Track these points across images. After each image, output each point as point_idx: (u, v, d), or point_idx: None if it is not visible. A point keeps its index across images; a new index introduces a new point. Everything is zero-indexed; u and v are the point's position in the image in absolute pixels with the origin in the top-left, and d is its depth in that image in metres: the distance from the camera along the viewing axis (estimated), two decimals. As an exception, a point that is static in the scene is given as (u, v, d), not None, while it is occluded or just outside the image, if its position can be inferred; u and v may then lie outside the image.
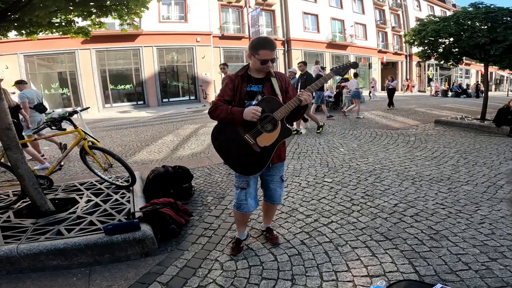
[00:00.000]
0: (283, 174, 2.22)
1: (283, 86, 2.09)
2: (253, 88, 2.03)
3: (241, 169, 2.04)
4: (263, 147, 1.95)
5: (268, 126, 1.95)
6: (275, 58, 2.01)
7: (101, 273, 2.13)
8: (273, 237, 2.40)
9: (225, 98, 1.99)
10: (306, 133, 6.91)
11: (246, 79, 2.03)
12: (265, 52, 1.91)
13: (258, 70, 2.02)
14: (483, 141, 5.58)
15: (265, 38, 1.99)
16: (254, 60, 1.97)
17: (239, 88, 2.01)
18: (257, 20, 16.94)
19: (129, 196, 3.13)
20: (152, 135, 7.88)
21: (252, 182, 2.12)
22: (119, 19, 3.29)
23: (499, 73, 34.15)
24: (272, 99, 1.97)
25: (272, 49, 1.93)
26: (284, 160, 2.20)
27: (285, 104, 1.92)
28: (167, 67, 19.13)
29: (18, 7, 2.50)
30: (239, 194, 2.12)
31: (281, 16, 22.41)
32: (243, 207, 2.12)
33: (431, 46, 7.94)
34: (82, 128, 3.52)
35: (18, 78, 14.85)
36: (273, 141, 1.95)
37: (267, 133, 1.94)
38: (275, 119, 1.93)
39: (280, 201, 2.26)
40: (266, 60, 1.93)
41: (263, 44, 1.92)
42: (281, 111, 1.91)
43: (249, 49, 1.98)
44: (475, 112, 9.85)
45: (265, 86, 2.03)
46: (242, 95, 2.01)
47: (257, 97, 2.02)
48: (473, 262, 2.00)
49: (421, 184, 3.48)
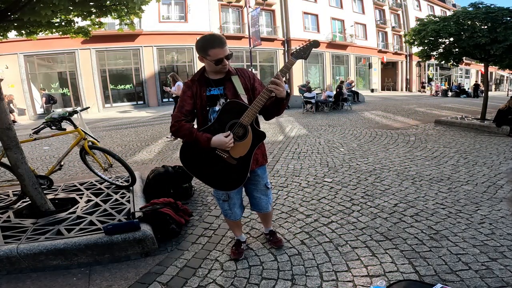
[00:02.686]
0: (267, 181, 2.07)
1: (247, 83, 1.89)
2: (213, 91, 1.83)
3: (220, 186, 1.91)
4: (239, 158, 1.78)
5: (239, 133, 1.76)
6: (230, 54, 1.77)
7: (101, 273, 2.12)
8: (276, 240, 2.32)
9: (186, 109, 1.80)
10: (307, 133, 6.90)
11: (204, 83, 1.84)
12: (215, 50, 1.70)
13: (215, 72, 1.83)
14: (483, 141, 5.58)
15: (212, 35, 1.76)
16: (207, 63, 1.79)
17: (198, 94, 1.82)
18: (257, 20, 16.95)
19: (129, 196, 3.13)
20: (152, 135, 7.88)
21: (234, 193, 2.01)
22: (118, 19, 3.29)
23: (499, 73, 34.16)
24: (234, 102, 1.77)
25: (222, 45, 1.71)
26: (264, 164, 2.02)
27: (251, 105, 1.71)
28: (167, 67, 19.11)
29: (18, 7, 2.49)
30: (222, 205, 2.07)
31: (281, 16, 22.39)
32: (229, 216, 2.10)
33: (431, 46, 7.93)
34: (82, 128, 3.51)
35: (18, 78, 14.94)
36: (248, 149, 1.78)
37: (239, 141, 1.76)
38: (243, 124, 1.73)
39: (267, 209, 2.12)
40: (220, 59, 1.72)
41: (211, 43, 1.71)
42: (247, 114, 1.71)
43: (198, 51, 1.77)
44: (475, 112, 9.85)
45: (227, 87, 1.83)
46: (203, 102, 1.82)
47: (219, 101, 1.83)
48: (473, 262, 1.99)
49: (421, 184, 3.48)
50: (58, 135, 3.44)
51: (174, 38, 18.16)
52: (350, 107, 12.09)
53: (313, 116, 10.33)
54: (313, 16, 24.08)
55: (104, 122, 11.84)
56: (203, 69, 1.89)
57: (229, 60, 1.80)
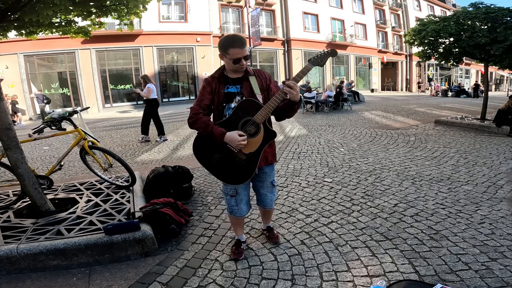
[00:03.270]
0: (274, 179, 2.17)
1: (263, 84, 1.99)
2: (230, 89, 1.94)
3: (227, 179, 1.98)
4: (248, 153, 1.87)
5: (250, 131, 1.85)
6: (248, 55, 1.92)
7: (101, 273, 2.12)
8: (273, 236, 2.39)
9: (205, 103, 1.92)
10: (307, 133, 6.91)
11: (223, 80, 1.95)
12: (235, 50, 1.82)
13: (233, 70, 1.93)
14: (483, 141, 5.58)
15: (234, 35, 1.88)
16: (226, 61, 1.90)
17: (217, 90, 1.94)
18: (257, 20, 16.96)
19: (129, 196, 3.13)
20: (152, 135, 7.87)
21: (242, 189, 2.07)
22: (118, 19, 3.29)
23: (499, 73, 34.17)
24: (250, 101, 1.87)
25: (242, 46, 1.83)
26: (272, 163, 2.11)
27: (265, 105, 1.82)
28: (167, 67, 19.13)
29: (18, 7, 2.49)
30: (229, 201, 2.10)
31: (281, 16, 22.40)
32: (235, 212, 2.12)
33: (431, 46, 7.94)
34: (82, 128, 3.52)
35: (18, 78, 14.94)
36: (258, 146, 1.87)
37: (250, 138, 1.85)
38: (256, 122, 1.83)
39: (271, 205, 2.22)
40: (238, 59, 1.84)
41: (231, 43, 1.83)
42: (261, 113, 1.81)
43: (219, 49, 1.90)
44: (475, 112, 9.85)
45: (244, 86, 1.94)
46: (220, 98, 1.93)
47: (235, 98, 1.93)
48: (473, 262, 1.99)
49: (421, 184, 3.48)
50: (58, 135, 3.45)
51: (174, 38, 18.17)
52: (350, 107, 12.09)
53: (313, 116, 10.33)
54: (313, 16, 24.09)
55: (104, 122, 11.84)
56: (223, 67, 1.99)
57: (247, 60, 1.90)
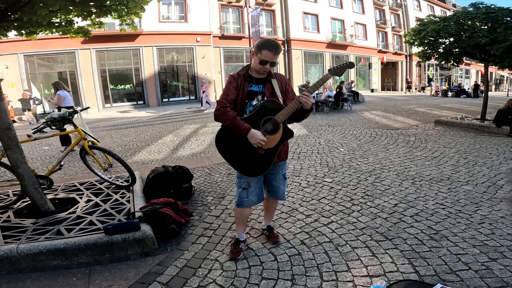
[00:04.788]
0: (285, 172, 2.27)
1: (283, 87, 2.12)
2: (254, 88, 2.05)
3: (245, 171, 2.07)
4: (267, 149, 1.98)
5: (270, 128, 1.97)
6: (276, 62, 2.03)
7: (101, 273, 2.12)
8: (273, 235, 2.41)
9: (231, 97, 2.01)
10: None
11: (248, 78, 2.06)
12: (268, 53, 1.94)
13: (257, 71, 2.04)
14: (483, 141, 5.58)
15: (273, 41, 2.01)
16: (255, 59, 2.00)
17: (241, 87, 2.04)
18: (257, 20, 16.94)
19: (129, 196, 3.13)
20: (152, 135, 7.88)
21: (254, 182, 2.14)
22: (118, 19, 3.29)
23: (499, 73, 34.18)
24: (273, 101, 2.00)
25: (276, 52, 1.96)
26: (285, 159, 2.23)
27: (286, 106, 1.95)
28: (167, 67, 19.13)
29: (18, 7, 2.49)
30: (241, 193, 2.16)
31: (281, 16, 22.41)
32: (244, 203, 2.17)
33: (431, 46, 7.93)
34: (82, 128, 3.52)
35: (18, 78, 14.93)
36: (276, 143, 1.99)
37: (270, 135, 1.97)
38: (277, 121, 1.96)
39: (283, 197, 2.31)
40: (265, 61, 1.96)
41: (267, 45, 1.96)
42: (282, 113, 1.95)
43: (255, 46, 2.03)
44: (475, 112, 9.85)
45: (266, 86, 2.07)
46: (244, 94, 2.04)
47: (257, 97, 2.04)
48: (473, 262, 1.99)
49: (421, 184, 3.48)
50: (58, 135, 3.45)
51: (174, 38, 18.17)
52: (350, 107, 12.09)
53: (313, 116, 10.32)
54: (313, 16, 24.10)
55: (104, 122, 11.84)
56: (248, 67, 2.10)
57: (272, 67, 2.04)
